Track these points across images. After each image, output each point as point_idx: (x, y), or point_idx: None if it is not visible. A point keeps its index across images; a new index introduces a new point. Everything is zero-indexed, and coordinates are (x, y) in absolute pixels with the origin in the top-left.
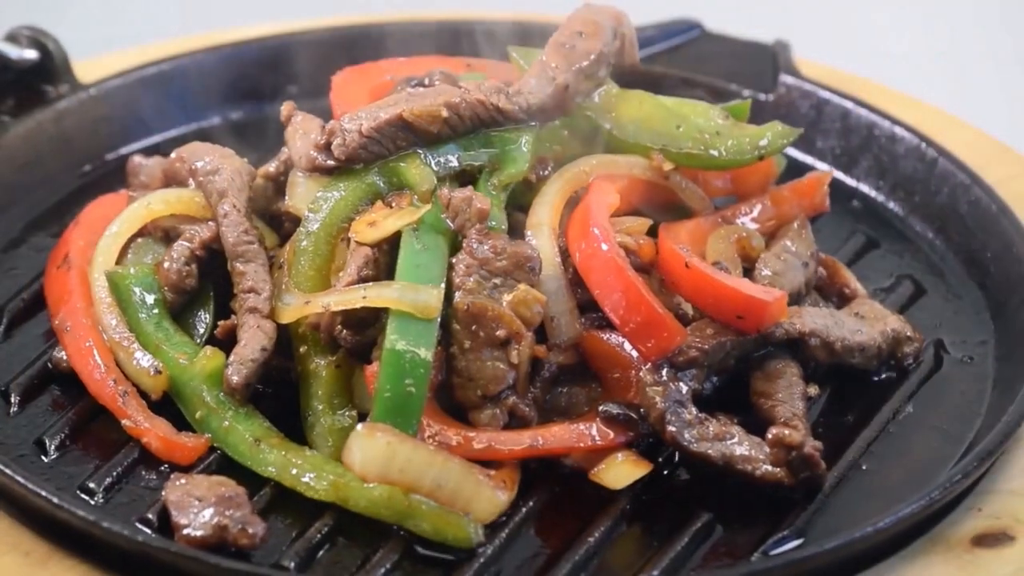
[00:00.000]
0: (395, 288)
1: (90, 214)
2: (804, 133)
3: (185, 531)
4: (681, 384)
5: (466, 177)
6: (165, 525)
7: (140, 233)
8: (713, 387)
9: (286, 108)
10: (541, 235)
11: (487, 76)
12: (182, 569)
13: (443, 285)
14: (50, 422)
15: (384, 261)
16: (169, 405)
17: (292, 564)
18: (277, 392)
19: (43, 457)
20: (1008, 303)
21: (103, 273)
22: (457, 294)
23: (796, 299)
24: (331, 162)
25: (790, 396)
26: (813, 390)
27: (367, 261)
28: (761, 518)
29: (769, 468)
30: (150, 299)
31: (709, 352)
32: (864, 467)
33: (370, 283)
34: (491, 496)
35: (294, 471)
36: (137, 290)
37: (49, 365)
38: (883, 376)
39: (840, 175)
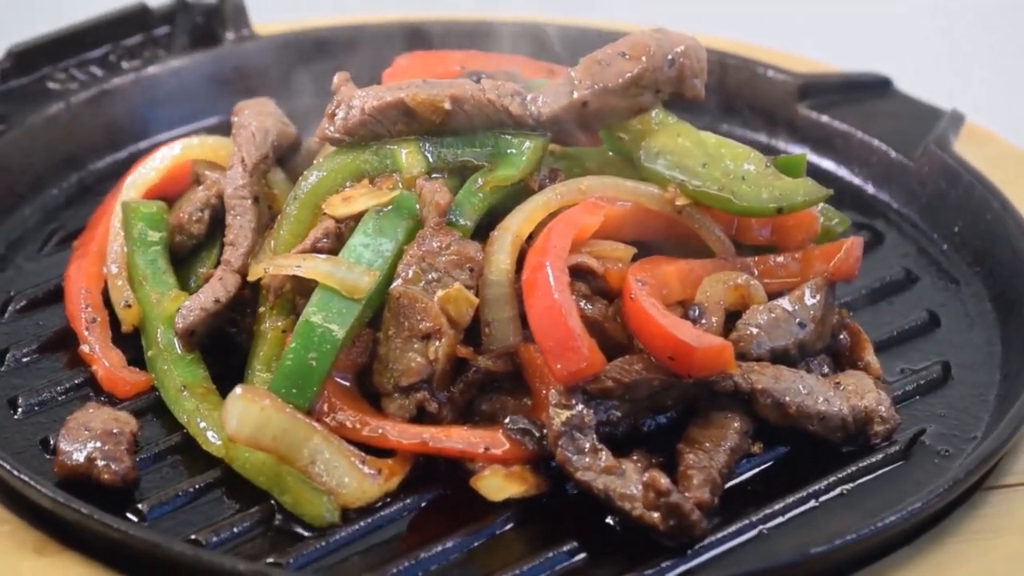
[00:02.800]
0: (329, 263)
1: (160, 150)
2: (932, 208)
3: (62, 457)
4: (587, 410)
5: (468, 173)
6: None
7: None
8: (658, 426)
9: (339, 78)
10: (502, 240)
11: None
12: (18, 491)
13: (380, 270)
14: (28, 335)
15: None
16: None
17: (146, 508)
18: None
19: None
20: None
21: (120, 204)
22: (396, 281)
23: (783, 358)
24: (337, 134)
25: (715, 448)
26: (757, 448)
27: (327, 233)
28: (631, 559)
29: (646, 511)
30: (153, 236)
31: (630, 386)
32: (765, 532)
33: (313, 254)
34: (362, 481)
35: (200, 422)
36: (141, 225)
37: (62, 283)
38: (849, 450)
39: (952, 254)
